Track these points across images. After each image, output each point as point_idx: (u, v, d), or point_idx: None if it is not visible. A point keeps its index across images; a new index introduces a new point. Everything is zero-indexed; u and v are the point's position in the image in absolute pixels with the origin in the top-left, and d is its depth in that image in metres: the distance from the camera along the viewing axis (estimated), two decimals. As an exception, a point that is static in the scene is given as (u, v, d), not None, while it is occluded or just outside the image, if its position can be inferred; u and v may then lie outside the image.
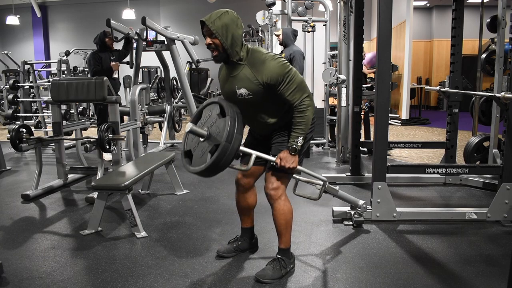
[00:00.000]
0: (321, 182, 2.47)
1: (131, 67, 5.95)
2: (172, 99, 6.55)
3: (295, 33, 5.18)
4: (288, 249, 2.29)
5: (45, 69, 10.19)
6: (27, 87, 6.90)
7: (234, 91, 2.12)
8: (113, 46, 5.52)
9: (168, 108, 6.32)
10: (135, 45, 5.77)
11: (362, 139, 4.45)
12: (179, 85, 6.37)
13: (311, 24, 5.73)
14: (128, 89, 5.78)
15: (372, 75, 8.13)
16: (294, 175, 2.30)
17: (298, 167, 2.15)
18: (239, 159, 2.37)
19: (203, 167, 1.96)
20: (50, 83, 4.52)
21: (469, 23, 5.46)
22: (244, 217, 2.49)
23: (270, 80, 2.03)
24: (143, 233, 2.84)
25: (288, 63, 2.09)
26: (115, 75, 5.46)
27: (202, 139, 2.04)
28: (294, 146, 2.08)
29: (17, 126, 3.68)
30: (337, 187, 2.67)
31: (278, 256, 2.27)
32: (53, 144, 4.28)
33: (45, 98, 5.39)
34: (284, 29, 5.22)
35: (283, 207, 2.18)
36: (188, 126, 2.01)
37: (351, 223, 2.99)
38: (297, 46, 5.15)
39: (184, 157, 2.14)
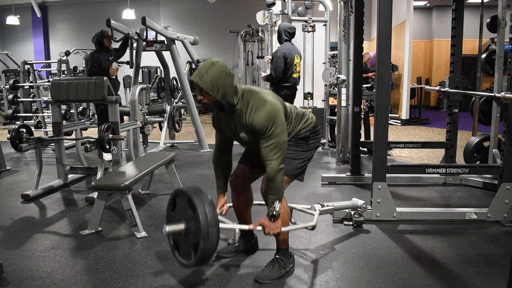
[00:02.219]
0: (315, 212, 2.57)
1: (131, 67, 5.95)
2: (172, 99, 6.55)
3: (288, 30, 4.87)
4: (286, 249, 2.29)
5: (45, 69, 10.18)
6: (27, 87, 6.89)
7: (237, 133, 2.13)
8: (111, 47, 5.49)
9: (168, 108, 6.32)
10: (135, 45, 5.77)
11: (362, 139, 4.45)
12: (179, 85, 6.38)
13: (311, 24, 5.72)
14: (128, 89, 5.77)
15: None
16: (289, 204, 2.35)
17: (283, 228, 2.15)
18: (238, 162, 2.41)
19: (192, 264, 2.02)
20: (50, 83, 4.52)
21: (469, 23, 5.45)
22: (242, 217, 2.49)
23: (254, 127, 2.01)
24: (143, 233, 2.84)
25: (279, 117, 2.02)
26: (113, 76, 5.44)
27: (182, 233, 2.06)
28: (272, 213, 2.06)
29: (17, 126, 3.68)
30: (330, 204, 2.74)
31: (277, 256, 2.27)
32: (53, 144, 4.28)
33: (45, 98, 5.39)
34: (279, 25, 5.01)
35: None
36: (164, 228, 2.02)
37: (351, 223, 2.99)
38: (285, 45, 4.84)
39: (173, 249, 2.16)
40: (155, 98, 7.80)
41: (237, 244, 2.51)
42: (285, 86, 4.86)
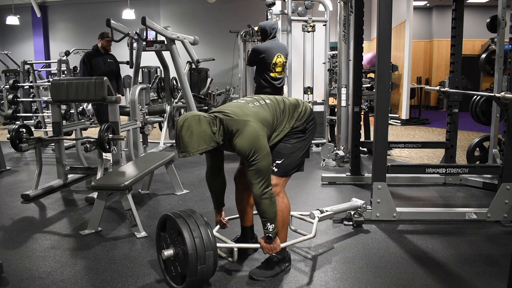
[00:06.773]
0: (315, 214, 2.62)
1: (131, 67, 5.96)
2: (172, 99, 6.55)
3: (272, 27, 4.76)
4: (284, 247, 2.28)
5: (45, 69, 10.18)
6: (27, 87, 6.90)
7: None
8: (109, 48, 5.40)
9: (168, 108, 6.32)
10: (135, 45, 5.77)
11: (362, 139, 4.45)
12: (179, 85, 6.38)
13: (311, 24, 5.72)
14: (128, 89, 5.78)
15: (372, 75, 8.13)
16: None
17: (282, 245, 2.20)
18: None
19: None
20: (50, 83, 4.52)
21: (469, 23, 5.46)
22: (243, 215, 2.49)
23: (237, 152, 2.03)
24: (143, 233, 2.84)
25: (260, 142, 2.00)
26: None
27: (172, 258, 2.09)
28: (267, 234, 2.10)
29: (17, 126, 3.68)
30: (328, 208, 2.74)
31: (273, 253, 2.27)
32: (53, 144, 4.28)
33: (45, 98, 5.39)
34: (261, 24, 4.87)
35: (280, 204, 2.18)
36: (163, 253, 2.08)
37: (351, 223, 2.99)
38: (267, 42, 4.74)
39: (165, 274, 2.18)
40: (155, 98, 7.79)
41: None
42: (266, 86, 4.75)
